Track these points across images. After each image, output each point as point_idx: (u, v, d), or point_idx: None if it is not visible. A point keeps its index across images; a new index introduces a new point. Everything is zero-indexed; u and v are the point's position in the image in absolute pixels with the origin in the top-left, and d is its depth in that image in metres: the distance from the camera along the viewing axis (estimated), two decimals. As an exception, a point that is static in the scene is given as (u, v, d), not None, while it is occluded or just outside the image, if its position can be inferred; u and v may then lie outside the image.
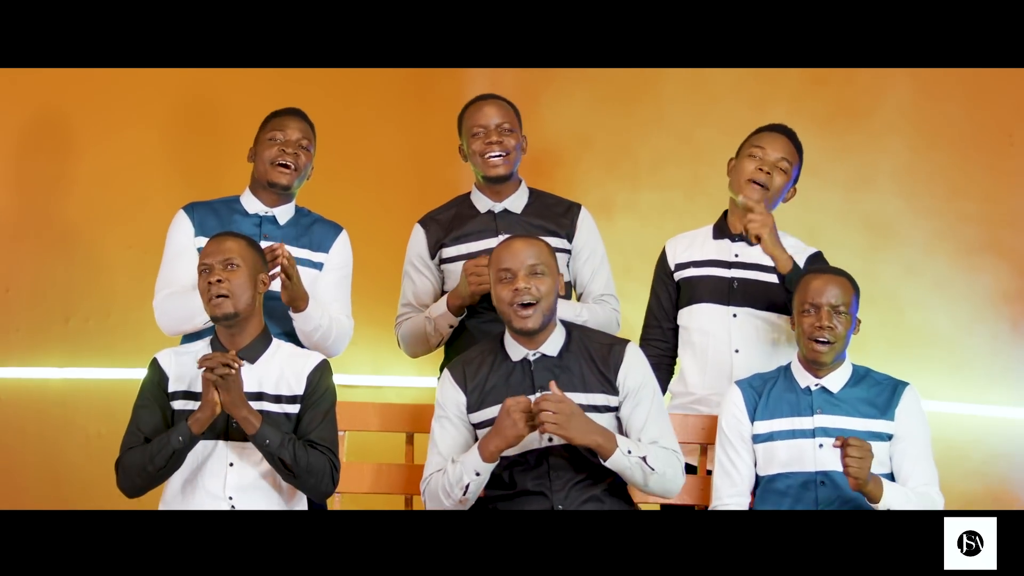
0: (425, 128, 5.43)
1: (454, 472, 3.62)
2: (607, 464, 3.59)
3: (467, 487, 3.60)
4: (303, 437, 3.66)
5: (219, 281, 3.62)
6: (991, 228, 5.09)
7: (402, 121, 5.52)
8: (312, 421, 3.69)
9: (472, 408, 3.72)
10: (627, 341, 3.78)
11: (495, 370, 3.73)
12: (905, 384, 3.80)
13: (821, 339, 3.73)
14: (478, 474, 3.60)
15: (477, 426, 3.72)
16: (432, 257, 4.21)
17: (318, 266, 4.14)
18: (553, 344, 3.72)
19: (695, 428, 4.03)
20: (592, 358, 3.72)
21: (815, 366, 3.78)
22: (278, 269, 3.87)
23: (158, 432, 3.62)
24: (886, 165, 5.21)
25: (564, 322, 3.79)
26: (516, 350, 3.72)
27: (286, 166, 4.10)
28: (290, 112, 4.18)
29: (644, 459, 3.59)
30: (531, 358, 3.71)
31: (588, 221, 4.23)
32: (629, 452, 3.58)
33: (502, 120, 4.15)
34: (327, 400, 3.73)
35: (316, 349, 4.07)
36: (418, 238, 4.24)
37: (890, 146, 5.20)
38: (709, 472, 3.96)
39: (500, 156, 4.14)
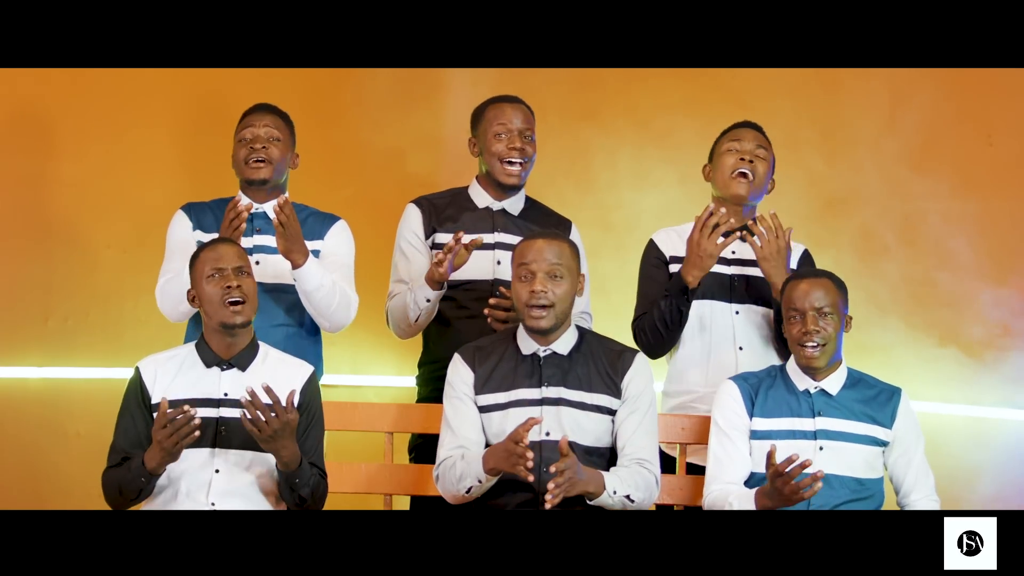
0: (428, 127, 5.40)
1: (461, 469, 3.67)
2: (592, 503, 3.64)
3: (470, 489, 3.67)
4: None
5: (238, 286, 3.64)
6: (969, 228, 5.10)
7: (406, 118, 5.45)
8: (310, 444, 3.71)
9: (477, 390, 3.77)
10: (637, 351, 3.83)
11: (505, 360, 3.78)
12: (899, 390, 3.82)
13: (810, 343, 3.72)
14: (480, 482, 3.66)
15: (480, 409, 3.76)
16: (426, 237, 4.20)
17: (314, 253, 4.11)
18: (564, 343, 3.78)
19: (697, 429, 4.01)
20: (601, 361, 3.78)
21: (811, 371, 3.78)
22: (273, 218, 3.91)
23: (137, 447, 3.64)
24: (863, 165, 5.21)
25: (578, 324, 3.85)
26: (528, 344, 3.78)
27: (259, 161, 4.13)
28: (257, 108, 4.22)
29: (627, 497, 3.65)
30: (541, 353, 3.77)
31: (576, 239, 4.21)
32: (615, 492, 3.64)
33: (525, 126, 4.16)
34: (320, 420, 3.78)
35: (319, 317, 4.10)
36: (413, 215, 4.23)
37: (868, 146, 5.20)
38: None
39: (519, 165, 4.13)
